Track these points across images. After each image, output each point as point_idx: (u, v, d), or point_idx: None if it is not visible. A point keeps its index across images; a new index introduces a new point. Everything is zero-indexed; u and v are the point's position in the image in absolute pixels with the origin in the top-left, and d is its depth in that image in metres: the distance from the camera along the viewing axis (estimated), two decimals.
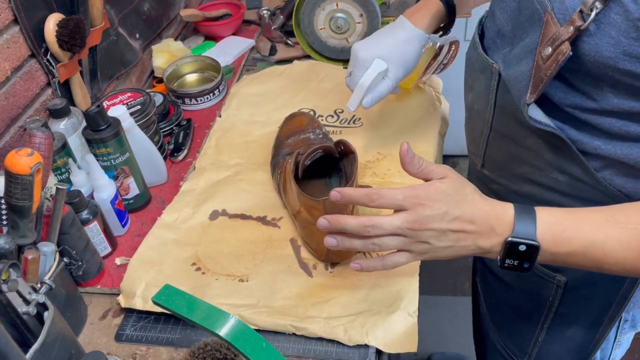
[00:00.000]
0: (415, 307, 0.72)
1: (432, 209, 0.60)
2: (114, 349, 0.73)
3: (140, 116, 0.94)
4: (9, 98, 0.82)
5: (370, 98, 0.87)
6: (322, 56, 1.22)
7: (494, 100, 0.75)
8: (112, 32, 1.08)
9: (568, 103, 0.64)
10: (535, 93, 0.63)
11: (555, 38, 0.58)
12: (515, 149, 0.74)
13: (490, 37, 0.76)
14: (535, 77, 0.62)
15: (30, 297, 0.61)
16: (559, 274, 0.77)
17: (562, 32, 0.57)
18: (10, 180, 0.61)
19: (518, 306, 0.88)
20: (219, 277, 0.78)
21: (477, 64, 0.78)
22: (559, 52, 0.58)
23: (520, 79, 0.66)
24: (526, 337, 0.89)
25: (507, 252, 0.60)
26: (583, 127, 0.64)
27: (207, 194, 0.92)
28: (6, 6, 0.81)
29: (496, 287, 0.93)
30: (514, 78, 0.68)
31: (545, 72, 0.60)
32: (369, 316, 0.71)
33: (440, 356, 1.69)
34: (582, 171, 0.66)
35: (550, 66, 0.59)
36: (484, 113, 0.78)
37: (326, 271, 0.78)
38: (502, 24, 0.72)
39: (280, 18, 1.29)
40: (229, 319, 0.55)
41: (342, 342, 0.70)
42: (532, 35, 0.64)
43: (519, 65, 0.67)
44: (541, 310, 0.83)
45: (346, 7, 1.13)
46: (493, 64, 0.73)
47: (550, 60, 0.59)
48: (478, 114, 0.80)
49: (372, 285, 0.75)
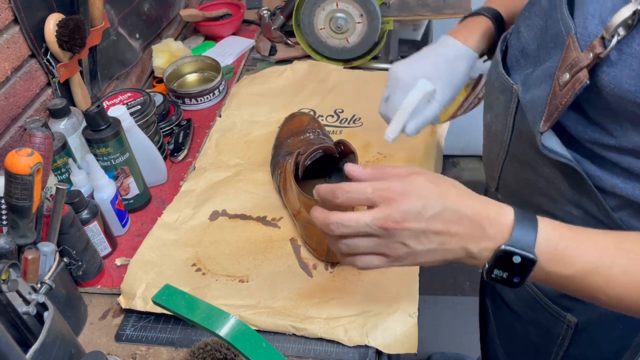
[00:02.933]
0: (415, 308, 0.72)
1: (406, 204, 0.52)
2: (114, 349, 0.73)
3: (140, 116, 0.94)
4: (9, 98, 0.82)
5: (415, 124, 0.76)
6: (322, 56, 1.22)
7: (512, 123, 0.68)
8: (112, 32, 1.08)
9: (586, 137, 0.58)
10: (550, 122, 0.57)
11: (574, 64, 0.53)
12: (531, 176, 0.68)
13: (513, 55, 0.70)
14: (551, 105, 0.57)
15: (30, 297, 0.61)
16: (570, 314, 0.71)
17: (582, 58, 0.52)
18: (10, 180, 0.61)
19: (528, 337, 0.82)
20: (219, 277, 0.78)
21: (497, 84, 0.70)
22: (576, 80, 0.53)
23: (536, 105, 0.61)
24: None
25: (498, 261, 0.52)
26: (601, 163, 0.59)
27: (207, 195, 0.92)
28: (6, 6, 0.81)
29: (506, 314, 0.87)
30: (530, 103, 0.63)
31: (561, 100, 0.55)
32: (369, 317, 0.71)
33: (440, 356, 1.68)
34: (598, 209, 0.61)
35: (566, 94, 0.54)
36: (502, 135, 0.71)
37: (326, 271, 0.78)
38: (527, 43, 0.67)
39: (280, 18, 1.29)
40: (229, 319, 0.55)
41: (342, 343, 0.70)
42: (554, 58, 0.58)
43: (537, 89, 0.61)
44: (552, 346, 0.78)
45: (346, 7, 1.13)
46: (513, 85, 0.66)
47: (567, 87, 0.54)
48: (495, 135, 0.73)
49: (372, 285, 0.75)
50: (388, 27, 1.17)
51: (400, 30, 1.37)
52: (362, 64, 1.21)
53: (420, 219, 0.52)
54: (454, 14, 1.29)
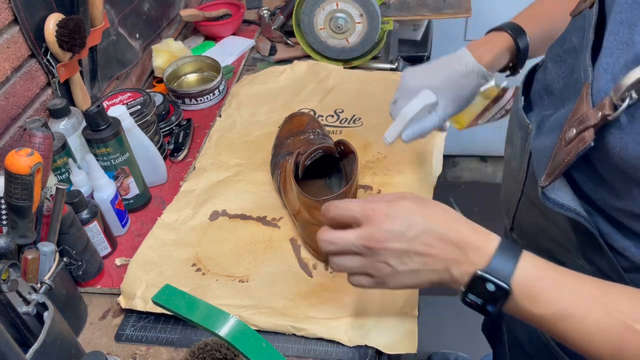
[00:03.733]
0: (415, 308, 0.72)
1: (389, 224, 0.53)
2: (114, 349, 0.73)
3: (140, 116, 0.93)
4: (9, 98, 0.82)
5: (412, 132, 0.78)
6: (322, 56, 1.22)
7: (527, 163, 0.65)
8: (112, 32, 1.08)
9: (597, 197, 0.55)
10: (552, 177, 0.54)
11: (582, 120, 0.50)
12: (544, 222, 0.65)
13: (537, 90, 0.67)
14: (555, 159, 0.54)
15: (30, 297, 0.61)
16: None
17: (590, 116, 0.48)
18: (10, 180, 0.61)
19: None
20: (219, 277, 0.78)
21: (516, 120, 0.68)
22: (580, 140, 0.49)
23: (542, 154, 0.58)
24: None
25: (473, 286, 0.52)
26: (614, 222, 0.55)
27: (207, 195, 0.92)
28: (6, 6, 0.81)
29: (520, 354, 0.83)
30: (537, 151, 0.60)
31: (565, 157, 0.52)
32: (369, 317, 0.71)
33: (440, 356, 1.68)
34: (610, 267, 0.57)
35: (569, 152, 0.51)
36: (518, 173, 0.69)
37: (326, 271, 0.78)
38: (552, 80, 0.63)
39: (280, 18, 1.29)
40: (229, 319, 0.55)
41: (342, 343, 0.70)
42: (569, 105, 0.54)
43: (547, 137, 0.58)
44: None
45: (346, 7, 1.13)
46: (529, 125, 0.63)
47: (571, 145, 0.51)
48: (512, 172, 0.72)
49: None
50: (388, 27, 1.17)
51: (400, 30, 1.37)
52: (362, 64, 1.21)
53: (403, 239, 0.53)
54: (454, 14, 1.29)
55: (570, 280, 0.51)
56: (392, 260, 0.55)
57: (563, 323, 0.50)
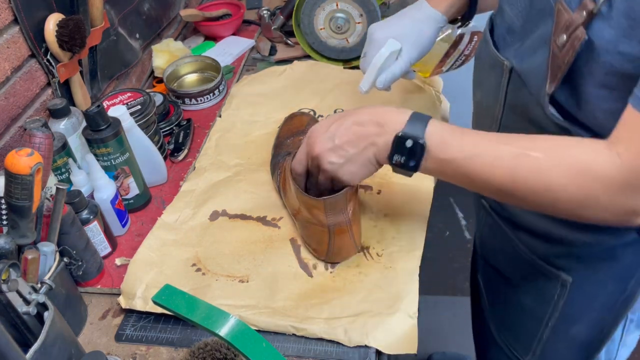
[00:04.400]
0: (415, 308, 0.71)
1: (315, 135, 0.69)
2: (114, 349, 0.73)
3: (140, 116, 0.94)
4: (9, 98, 0.82)
5: (384, 78, 0.86)
6: (322, 56, 1.22)
7: (504, 97, 0.74)
8: (112, 32, 1.08)
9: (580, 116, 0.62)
10: (555, 82, 0.61)
11: (569, 24, 0.57)
12: None
13: (499, 33, 0.75)
14: (553, 66, 0.61)
15: (30, 297, 0.61)
16: (564, 273, 0.76)
17: (576, 18, 0.56)
18: (10, 180, 0.61)
19: (522, 304, 0.88)
20: (219, 277, 0.78)
21: (488, 61, 0.77)
22: (574, 38, 0.56)
23: (536, 71, 0.65)
24: (530, 334, 0.88)
25: (396, 146, 0.63)
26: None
27: (207, 195, 0.92)
28: (6, 6, 0.81)
29: (499, 285, 0.92)
30: (529, 71, 0.67)
31: (563, 59, 0.59)
32: (369, 317, 0.71)
33: (441, 356, 1.68)
34: None
35: (567, 53, 0.58)
36: (493, 110, 0.77)
37: (326, 271, 0.78)
38: (512, 21, 0.71)
39: (280, 18, 1.29)
40: (229, 319, 0.55)
41: (342, 343, 0.70)
42: (544, 27, 0.63)
43: (533, 57, 0.66)
44: (546, 308, 0.82)
45: (346, 7, 1.13)
46: (504, 61, 0.72)
47: (567, 47, 0.58)
48: (487, 110, 0.80)
49: (373, 285, 0.75)
50: None
51: None
52: None
53: (329, 139, 0.67)
54: None
55: (471, 131, 0.62)
56: (332, 158, 0.68)
57: (470, 162, 0.60)
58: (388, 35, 0.85)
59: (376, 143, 0.65)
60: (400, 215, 0.85)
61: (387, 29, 0.86)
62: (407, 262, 0.77)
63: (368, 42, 0.89)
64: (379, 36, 0.86)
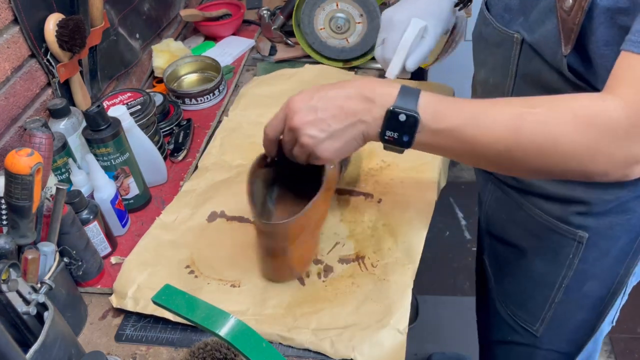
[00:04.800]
0: (405, 324, 0.69)
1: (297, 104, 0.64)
2: (114, 349, 0.73)
3: (140, 116, 0.93)
4: (9, 98, 0.82)
5: (414, 59, 0.85)
6: (322, 56, 1.22)
7: (515, 70, 0.74)
8: (112, 32, 1.08)
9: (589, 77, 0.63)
10: (570, 43, 0.62)
11: None
12: None
13: (497, 13, 0.75)
14: (565, 30, 0.62)
15: (30, 297, 0.61)
16: (581, 230, 0.76)
17: None
18: (10, 180, 0.61)
19: (532, 272, 0.87)
20: (211, 281, 0.77)
21: (492, 38, 0.76)
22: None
23: (548, 38, 0.66)
24: (540, 302, 0.88)
25: (388, 122, 0.60)
26: None
27: (207, 195, 0.91)
28: (6, 6, 0.81)
29: (508, 257, 0.91)
30: (541, 40, 0.68)
31: (573, 20, 0.60)
32: (357, 330, 0.69)
33: (440, 356, 1.68)
34: None
35: (576, 14, 0.59)
36: (503, 85, 0.77)
37: (319, 280, 0.77)
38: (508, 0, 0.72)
39: (280, 18, 1.29)
40: (229, 319, 0.55)
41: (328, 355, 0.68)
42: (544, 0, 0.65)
43: (542, 26, 0.66)
44: (559, 270, 0.82)
45: (346, 7, 1.13)
46: (514, 34, 0.71)
47: (575, 9, 0.59)
48: (495, 87, 0.79)
49: (364, 297, 0.73)
50: None
51: None
52: (362, 64, 1.21)
53: (311, 111, 0.63)
54: None
55: (465, 100, 0.61)
56: (312, 131, 0.63)
57: (467, 127, 0.58)
58: (409, 15, 0.83)
59: (365, 120, 0.62)
60: (399, 226, 0.82)
61: (407, 10, 0.84)
62: (402, 275, 0.75)
63: (387, 26, 0.86)
64: (401, 17, 0.84)
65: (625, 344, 1.67)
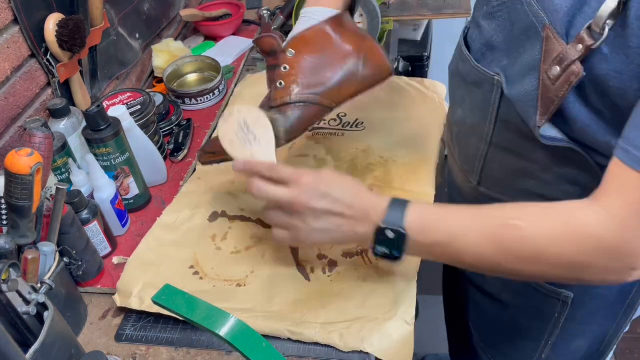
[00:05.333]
0: (412, 315, 0.70)
1: (316, 186, 0.63)
2: (114, 349, 0.73)
3: (140, 116, 0.93)
4: (9, 98, 0.82)
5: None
6: None
7: (496, 114, 0.69)
8: (112, 32, 1.08)
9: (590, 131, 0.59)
10: (547, 115, 0.59)
11: (563, 57, 0.54)
12: (520, 163, 0.69)
13: (477, 49, 0.71)
14: (545, 98, 0.58)
15: (30, 297, 0.61)
16: (565, 290, 0.74)
17: (571, 52, 0.53)
18: (10, 180, 0.61)
19: (517, 325, 0.85)
20: (216, 283, 0.77)
21: (471, 77, 0.72)
22: (570, 74, 0.54)
23: (526, 100, 0.62)
24: (528, 354, 0.86)
25: (378, 238, 0.62)
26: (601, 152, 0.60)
27: (207, 195, 0.91)
28: (6, 6, 0.81)
29: (487, 307, 0.89)
30: (518, 98, 0.64)
31: (557, 93, 0.56)
32: (365, 322, 0.70)
33: (434, 358, 1.68)
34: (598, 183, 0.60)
35: (561, 87, 0.55)
36: (481, 128, 0.73)
37: (324, 275, 0.77)
38: (491, 35, 0.68)
39: (280, 18, 1.29)
40: (229, 319, 0.55)
41: (337, 348, 0.69)
42: (532, 51, 0.60)
43: (522, 84, 0.62)
44: (544, 327, 0.80)
45: None
46: (494, 77, 0.67)
47: (561, 81, 0.55)
48: (473, 129, 0.75)
49: (370, 291, 0.74)
50: (388, 27, 1.17)
51: (400, 30, 1.37)
52: None
53: (326, 199, 0.63)
54: (454, 14, 1.29)
55: (452, 209, 0.62)
56: (309, 218, 0.64)
57: (454, 243, 0.59)
58: None
59: (355, 231, 0.64)
60: None
61: None
62: (406, 267, 0.76)
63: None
64: None
65: (626, 344, 1.68)
